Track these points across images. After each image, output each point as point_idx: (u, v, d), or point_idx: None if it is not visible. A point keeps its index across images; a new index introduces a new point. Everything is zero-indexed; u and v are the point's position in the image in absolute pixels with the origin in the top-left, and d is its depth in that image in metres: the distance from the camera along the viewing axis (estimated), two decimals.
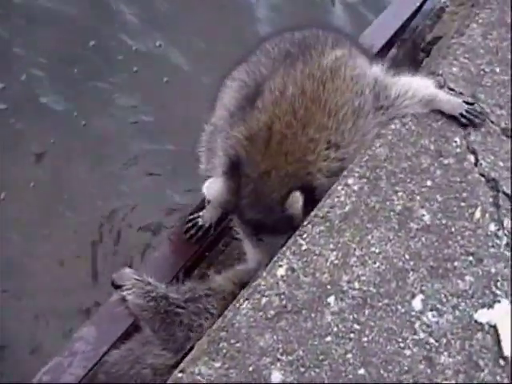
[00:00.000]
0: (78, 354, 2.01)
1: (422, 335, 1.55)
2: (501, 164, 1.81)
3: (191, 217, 2.29)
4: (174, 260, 2.26)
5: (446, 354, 1.53)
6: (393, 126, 1.83)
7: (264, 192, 1.77)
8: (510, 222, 1.72)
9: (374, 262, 1.63)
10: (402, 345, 1.53)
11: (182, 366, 1.56)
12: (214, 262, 2.35)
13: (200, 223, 2.28)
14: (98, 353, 2.02)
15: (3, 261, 2.73)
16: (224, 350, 1.51)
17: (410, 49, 3.17)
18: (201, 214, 2.27)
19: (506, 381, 1.51)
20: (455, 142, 1.83)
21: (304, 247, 1.64)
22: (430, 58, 2.54)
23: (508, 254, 1.67)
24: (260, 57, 2.00)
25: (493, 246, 1.68)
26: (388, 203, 1.71)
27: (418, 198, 1.73)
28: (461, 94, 1.91)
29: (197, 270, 2.34)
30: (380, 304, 1.58)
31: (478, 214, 1.72)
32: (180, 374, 1.49)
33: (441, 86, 1.91)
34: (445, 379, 1.50)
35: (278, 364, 1.49)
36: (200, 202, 2.30)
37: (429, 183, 1.76)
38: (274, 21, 3.68)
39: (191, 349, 1.68)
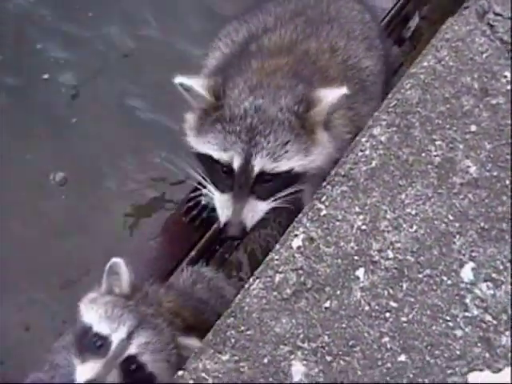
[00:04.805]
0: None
1: (475, 312, 1.40)
2: None
3: (193, 195, 2.07)
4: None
5: (507, 333, 1.37)
6: (425, 64, 1.69)
7: None
8: None
9: (411, 226, 1.49)
10: (451, 324, 1.39)
11: None
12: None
13: (203, 202, 2.08)
14: None
15: None
16: (232, 340, 1.38)
17: None
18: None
19: None
20: (504, 76, 1.67)
21: (323, 212, 1.51)
22: None
23: None
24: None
25: None
26: (424, 155, 1.57)
27: (461, 146, 1.58)
28: (510, 18, 1.72)
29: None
30: (420, 276, 1.44)
31: None
32: (181, 372, 1.38)
33: (484, 12, 1.73)
34: (507, 365, 1.32)
35: (299, 353, 1.36)
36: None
37: (473, 128, 1.60)
38: None
39: None
